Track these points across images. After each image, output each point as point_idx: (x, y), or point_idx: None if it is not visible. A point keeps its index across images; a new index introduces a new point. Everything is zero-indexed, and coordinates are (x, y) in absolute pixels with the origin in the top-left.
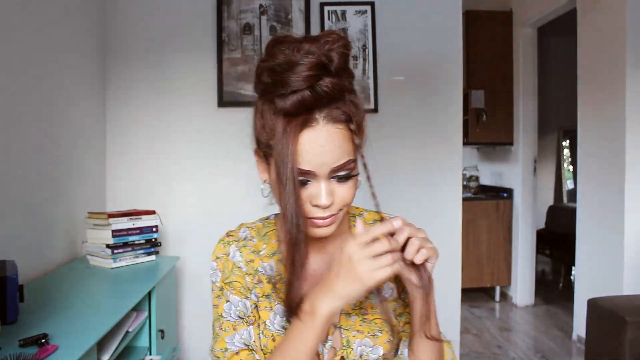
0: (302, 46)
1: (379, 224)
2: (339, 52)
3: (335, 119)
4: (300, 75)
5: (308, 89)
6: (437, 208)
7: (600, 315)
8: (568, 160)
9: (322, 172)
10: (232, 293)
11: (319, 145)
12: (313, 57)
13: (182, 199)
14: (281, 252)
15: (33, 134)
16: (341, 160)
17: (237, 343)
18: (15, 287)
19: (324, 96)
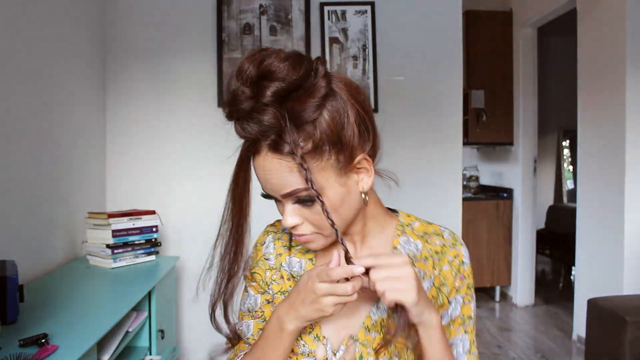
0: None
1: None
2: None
3: (275, 149)
4: (238, 108)
5: (246, 120)
6: (437, 208)
7: (600, 315)
8: (568, 160)
9: (277, 196)
10: (250, 286)
11: (263, 173)
12: (248, 87)
13: (182, 199)
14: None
15: (33, 134)
16: (286, 190)
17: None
18: (15, 287)
19: (262, 129)
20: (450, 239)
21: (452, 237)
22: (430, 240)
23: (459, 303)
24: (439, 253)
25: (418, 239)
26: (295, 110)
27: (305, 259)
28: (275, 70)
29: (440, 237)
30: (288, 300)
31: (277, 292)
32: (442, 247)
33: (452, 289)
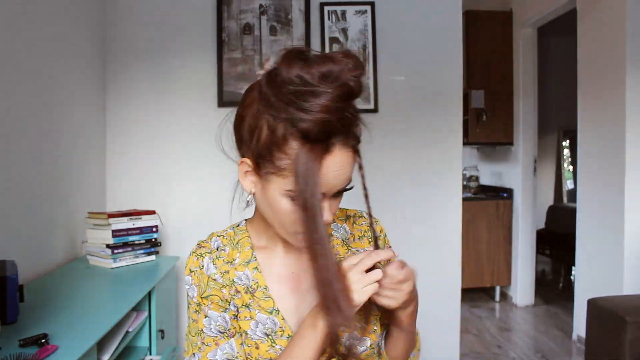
0: (325, 66)
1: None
2: (360, 79)
3: (348, 144)
4: (328, 105)
5: (335, 118)
6: (437, 208)
7: (600, 315)
8: (568, 160)
9: (329, 194)
10: (210, 308)
11: (333, 170)
12: (340, 86)
13: (182, 199)
14: (256, 259)
15: (33, 134)
16: (347, 182)
17: (219, 358)
18: (15, 287)
19: (345, 124)
20: (367, 217)
21: (370, 217)
22: (357, 222)
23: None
24: (368, 231)
25: (344, 223)
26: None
27: (249, 269)
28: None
29: (362, 218)
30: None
31: (240, 306)
32: (368, 226)
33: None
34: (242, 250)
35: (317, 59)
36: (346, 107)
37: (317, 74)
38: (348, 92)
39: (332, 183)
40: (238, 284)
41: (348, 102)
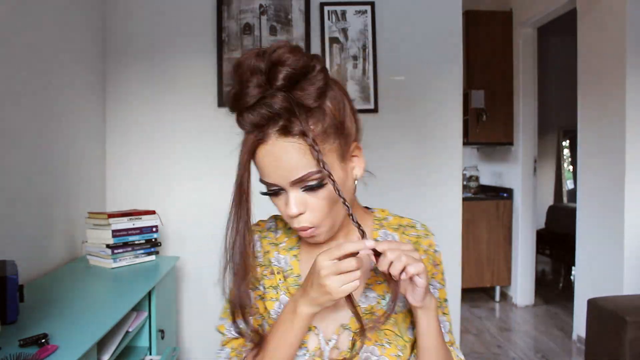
0: (251, 63)
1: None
2: (287, 70)
3: (286, 133)
4: (247, 97)
5: (254, 108)
6: (437, 208)
7: (600, 315)
8: (568, 160)
9: (284, 184)
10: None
11: (273, 160)
12: (257, 76)
13: (182, 199)
14: (299, 248)
15: (33, 135)
16: (299, 174)
17: (233, 331)
18: (15, 287)
19: (273, 113)
20: (423, 230)
21: (424, 229)
22: (406, 232)
23: (436, 288)
24: (416, 243)
25: (395, 232)
26: (304, 96)
27: (289, 255)
28: (285, 58)
29: (414, 229)
30: (303, 284)
31: (268, 287)
32: (417, 238)
33: (430, 275)
34: (291, 236)
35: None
36: (265, 95)
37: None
38: (263, 81)
39: (276, 173)
40: (274, 265)
41: (270, 91)
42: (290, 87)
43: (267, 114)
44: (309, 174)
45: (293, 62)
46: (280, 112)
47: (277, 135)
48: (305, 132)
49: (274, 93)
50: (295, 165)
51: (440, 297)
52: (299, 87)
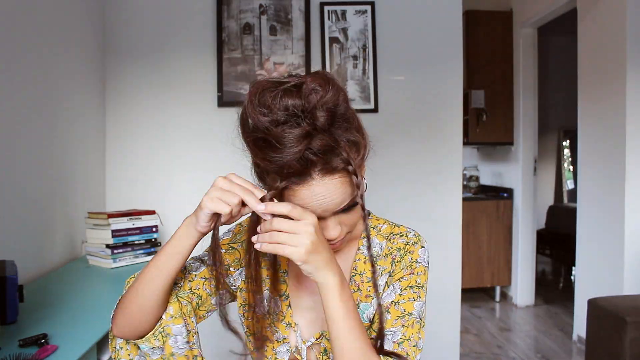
0: (282, 102)
1: (258, 188)
2: (326, 108)
3: (330, 171)
4: (287, 153)
5: (297, 160)
6: (437, 208)
7: (600, 315)
8: (568, 160)
9: (327, 215)
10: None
11: (318, 199)
12: (296, 129)
13: (182, 199)
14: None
15: (33, 134)
16: (343, 204)
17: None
18: (15, 287)
19: (315, 158)
20: (414, 239)
21: (416, 237)
22: (393, 240)
23: (395, 292)
24: (401, 249)
25: (383, 240)
26: (345, 132)
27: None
28: (321, 96)
29: (404, 237)
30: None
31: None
32: (405, 245)
33: (396, 278)
34: None
35: (277, 93)
36: (308, 142)
37: (282, 114)
38: (306, 132)
39: (320, 209)
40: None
41: (311, 137)
42: (332, 124)
43: (310, 162)
44: (350, 201)
45: (330, 100)
46: (324, 154)
47: (321, 175)
48: (353, 165)
49: (314, 139)
50: (340, 200)
51: (405, 308)
52: (338, 120)
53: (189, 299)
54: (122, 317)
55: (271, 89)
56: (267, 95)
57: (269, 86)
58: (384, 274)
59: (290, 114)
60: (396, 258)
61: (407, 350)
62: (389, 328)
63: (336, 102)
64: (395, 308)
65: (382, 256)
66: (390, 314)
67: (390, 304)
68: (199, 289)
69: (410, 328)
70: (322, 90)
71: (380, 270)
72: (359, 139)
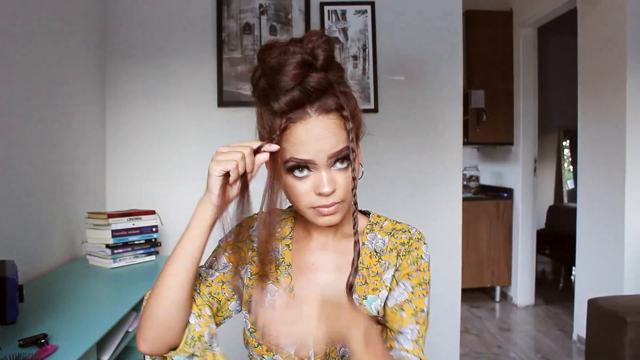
0: (288, 49)
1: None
2: (323, 48)
3: (326, 109)
4: (288, 76)
5: (297, 87)
6: (437, 208)
7: (600, 315)
8: (568, 160)
9: (321, 161)
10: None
11: (313, 136)
12: (298, 56)
13: (182, 199)
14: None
15: (33, 135)
16: (338, 147)
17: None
18: (15, 287)
19: (313, 91)
20: (417, 235)
21: (419, 234)
22: (396, 235)
23: (407, 290)
24: (405, 244)
25: (386, 235)
26: (338, 78)
27: (282, 244)
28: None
29: (407, 232)
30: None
31: (254, 273)
32: (409, 240)
33: (404, 274)
34: (284, 226)
35: (282, 44)
36: (307, 73)
37: (287, 55)
38: (305, 60)
39: (315, 148)
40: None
41: (309, 70)
42: (327, 69)
43: (307, 93)
44: (345, 147)
45: (330, 47)
46: (320, 90)
47: (317, 114)
48: (345, 107)
49: (312, 73)
50: (336, 141)
51: (417, 305)
52: (334, 68)
53: (209, 304)
54: (148, 329)
55: (279, 43)
56: (275, 47)
57: (277, 42)
58: (390, 268)
59: (293, 51)
60: (401, 252)
61: (421, 347)
62: (406, 325)
63: (331, 47)
64: (409, 306)
65: (387, 251)
66: (406, 312)
67: (405, 302)
68: (218, 293)
69: (423, 325)
70: (322, 37)
71: (386, 264)
72: (349, 94)
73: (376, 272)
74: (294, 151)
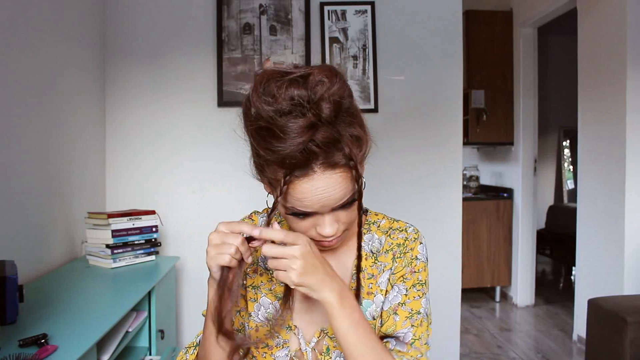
0: (288, 92)
1: (247, 223)
2: (331, 100)
3: (332, 165)
4: (290, 143)
5: (300, 151)
6: (437, 208)
7: (600, 315)
8: (568, 160)
9: (325, 211)
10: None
11: (318, 193)
12: (301, 119)
13: (182, 199)
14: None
15: (33, 135)
16: (342, 200)
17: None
18: (15, 287)
19: (317, 153)
20: (413, 234)
21: (415, 233)
22: (393, 235)
23: (401, 292)
24: (401, 245)
25: (383, 235)
26: (349, 126)
27: None
28: (328, 88)
29: (403, 232)
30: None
31: (248, 285)
32: (405, 240)
33: (399, 277)
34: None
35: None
36: (312, 134)
37: (287, 104)
38: (310, 123)
39: (319, 204)
40: (259, 264)
41: (315, 129)
42: (336, 119)
43: (312, 154)
44: (350, 196)
45: (336, 92)
46: (327, 147)
47: (322, 169)
48: (355, 161)
49: (318, 131)
50: (341, 194)
51: (412, 307)
52: (342, 116)
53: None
54: None
55: (277, 79)
56: (273, 84)
57: (275, 76)
58: (386, 271)
59: (296, 104)
60: (397, 254)
61: (419, 350)
62: (400, 330)
63: (342, 95)
64: (403, 309)
65: (383, 252)
66: (399, 316)
67: (398, 305)
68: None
69: (419, 327)
70: (328, 82)
71: (382, 266)
72: (362, 135)
73: (371, 274)
74: (297, 204)
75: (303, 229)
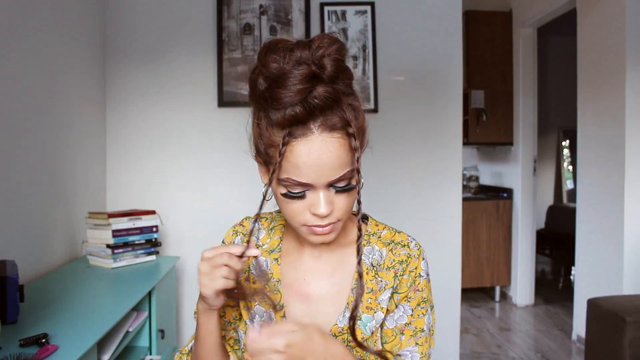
0: (293, 54)
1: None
2: (332, 57)
3: (330, 127)
4: (291, 90)
5: (300, 103)
6: (437, 208)
7: (600, 315)
8: (568, 160)
9: (320, 184)
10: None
11: (315, 157)
12: (304, 67)
13: (182, 199)
14: (280, 251)
15: (33, 134)
16: (339, 173)
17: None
18: (15, 287)
19: (317, 107)
20: (416, 251)
21: (417, 249)
22: (395, 251)
23: (406, 313)
24: (403, 262)
25: (384, 247)
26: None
27: (270, 258)
28: (332, 48)
29: (406, 247)
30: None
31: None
32: (407, 257)
33: (404, 297)
34: (272, 237)
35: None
36: (312, 87)
37: (292, 63)
38: (311, 72)
39: (316, 172)
40: (251, 272)
41: (315, 83)
42: (335, 79)
43: (310, 109)
44: (347, 172)
45: (337, 51)
46: (326, 106)
47: (320, 130)
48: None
49: (318, 86)
50: (338, 163)
51: (417, 325)
52: (343, 77)
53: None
54: None
55: (283, 44)
56: (279, 48)
57: (281, 42)
58: (388, 289)
59: (300, 61)
60: (399, 272)
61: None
62: (405, 348)
63: (342, 55)
64: (409, 328)
65: (384, 268)
66: (405, 335)
67: (404, 325)
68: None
69: (423, 345)
70: (330, 43)
71: (383, 283)
72: (358, 107)
73: (371, 288)
74: (292, 172)
75: (297, 210)
